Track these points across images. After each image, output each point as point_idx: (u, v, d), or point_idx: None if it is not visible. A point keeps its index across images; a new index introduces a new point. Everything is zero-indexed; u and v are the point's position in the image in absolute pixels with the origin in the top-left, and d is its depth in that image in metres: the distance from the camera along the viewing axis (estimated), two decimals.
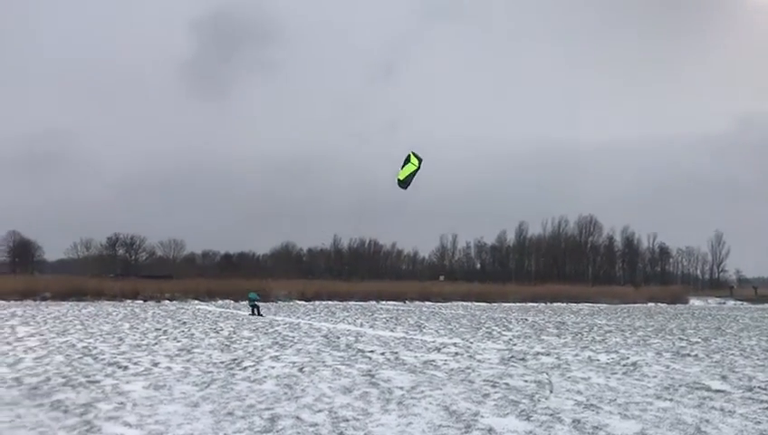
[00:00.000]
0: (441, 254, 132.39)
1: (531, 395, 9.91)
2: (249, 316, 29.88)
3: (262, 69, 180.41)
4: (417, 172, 16.58)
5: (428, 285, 64.28)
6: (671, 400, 9.73)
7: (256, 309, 31.59)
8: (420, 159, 16.48)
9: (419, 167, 16.51)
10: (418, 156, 16.48)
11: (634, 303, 61.33)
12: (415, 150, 16.50)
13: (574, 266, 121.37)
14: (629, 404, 9.31)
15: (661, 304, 60.77)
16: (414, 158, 16.43)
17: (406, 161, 16.64)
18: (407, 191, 16.53)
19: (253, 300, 32.21)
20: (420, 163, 16.50)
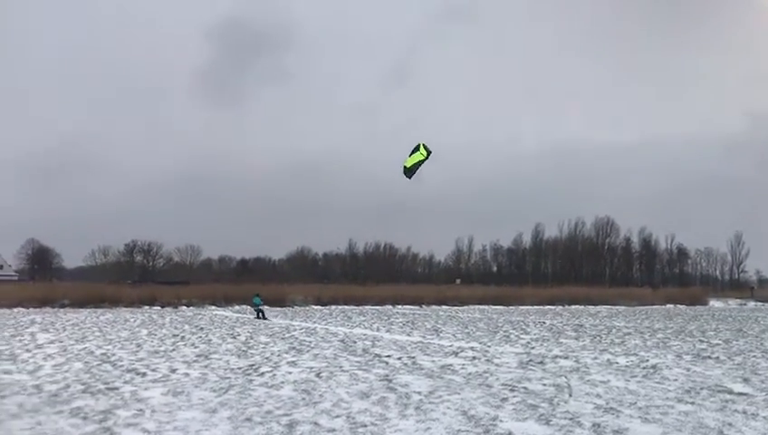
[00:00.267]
0: (457, 257, 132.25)
1: (550, 399, 9.83)
2: (255, 319, 30.84)
3: (276, 76, 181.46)
4: (423, 162, 16.51)
5: (444, 289, 64.05)
6: (693, 403, 9.60)
7: (261, 313, 32.54)
8: (429, 152, 16.40)
9: (427, 157, 16.44)
10: (428, 148, 16.42)
11: (652, 304, 60.70)
12: (434, 152, 16.44)
13: (591, 268, 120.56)
14: (650, 408, 9.20)
15: (680, 306, 60.12)
16: (423, 148, 16.39)
17: (414, 150, 16.60)
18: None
19: (257, 304, 33.18)
20: (429, 155, 16.43)
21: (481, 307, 51.20)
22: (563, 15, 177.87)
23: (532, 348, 17.82)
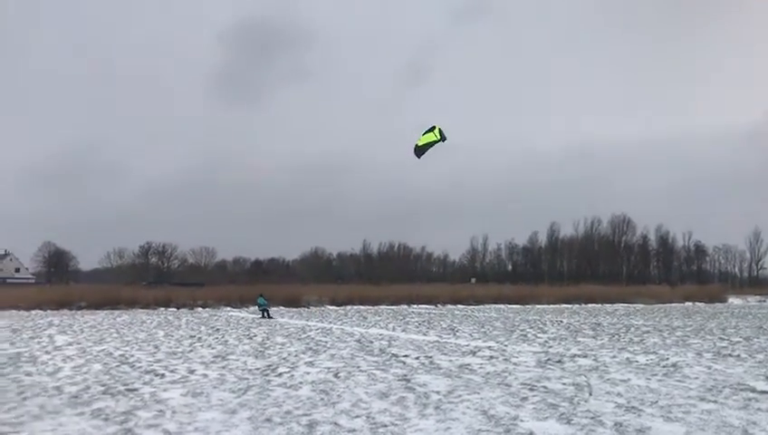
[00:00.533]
0: (472, 256, 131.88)
1: (570, 398, 9.74)
2: (260, 319, 32.04)
3: (292, 76, 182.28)
4: (435, 144, 16.47)
5: (459, 288, 63.83)
6: (715, 401, 9.48)
7: (266, 312, 33.85)
8: (444, 137, 16.36)
9: (441, 141, 16.40)
10: (443, 133, 16.39)
11: (670, 302, 60.19)
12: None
13: (608, 267, 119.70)
14: (672, 406, 9.09)
15: (699, 304, 59.53)
16: (438, 131, 16.36)
17: (429, 130, 16.57)
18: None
19: (262, 304, 34.47)
20: (442, 139, 16.38)
21: (497, 306, 51.02)
22: (579, 11, 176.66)
23: (549, 347, 17.71)
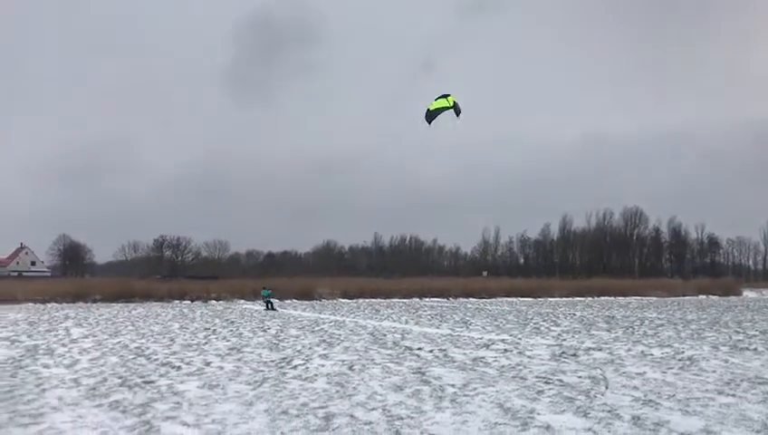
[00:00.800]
0: (483, 249, 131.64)
1: (586, 391, 9.71)
2: (264, 311, 33.16)
3: (302, 70, 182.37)
4: (445, 110, 16.41)
5: (471, 281, 63.75)
6: (734, 395, 9.41)
7: (270, 304, 34.88)
8: (458, 110, 16.29)
9: (452, 107, 16.33)
10: (457, 105, 16.33)
11: (683, 295, 59.88)
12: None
13: (620, 259, 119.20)
14: (690, 400, 9.03)
15: (712, 297, 59.17)
16: (451, 99, 16.31)
17: (441, 97, 16.50)
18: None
19: (266, 296, 35.60)
20: (456, 111, 16.30)
21: (509, 299, 50.94)
22: (592, 6, 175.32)
23: (563, 340, 17.65)
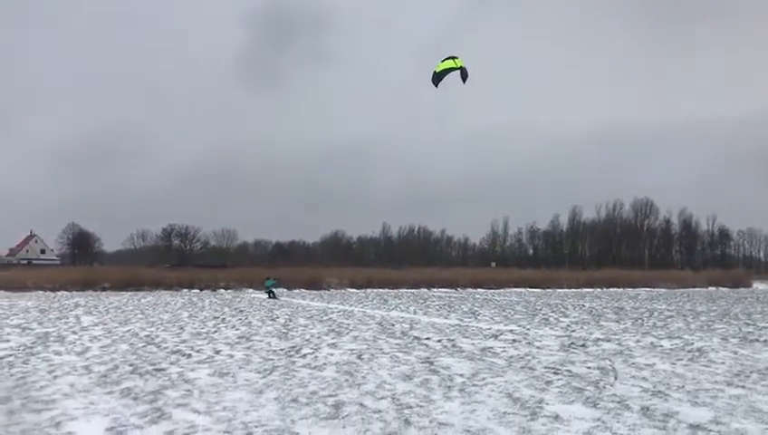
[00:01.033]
0: (492, 240, 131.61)
1: (595, 382, 9.71)
2: (267, 299, 34.41)
3: (313, 59, 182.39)
4: (452, 71, 16.34)
5: (480, 272, 63.66)
6: (743, 387, 9.40)
7: (272, 293, 36.25)
8: (466, 73, 16.21)
9: (459, 68, 16.25)
10: (465, 70, 16.27)
11: (693, 287, 59.60)
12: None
13: (630, 251, 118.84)
14: (699, 391, 9.02)
15: (722, 289, 58.83)
16: (459, 61, 16.25)
17: (449, 59, 16.44)
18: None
19: (268, 286, 36.81)
20: (463, 76, 16.22)
21: (517, 290, 50.86)
22: None
23: (572, 331, 17.64)
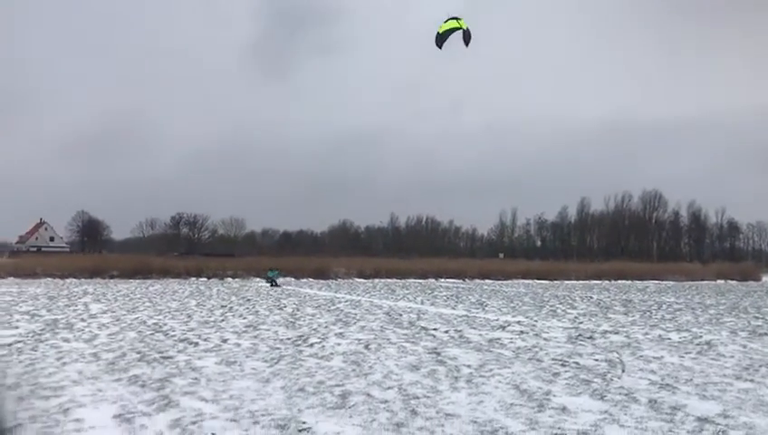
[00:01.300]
0: (500, 231, 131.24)
1: (603, 374, 9.68)
2: (269, 287, 35.71)
3: (323, 48, 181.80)
4: (455, 31, 16.24)
5: (488, 263, 63.51)
6: (752, 380, 9.34)
7: (274, 281, 37.58)
8: (469, 35, 16.10)
9: (462, 28, 16.13)
10: (469, 32, 16.17)
11: (702, 280, 59.28)
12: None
13: (638, 243, 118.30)
14: (707, 385, 8.98)
15: (731, 282, 58.49)
16: (463, 23, 16.15)
17: (452, 19, 16.33)
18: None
19: (270, 276, 38.32)
20: (465, 38, 16.11)
21: (525, 282, 50.74)
22: None
23: (580, 323, 17.59)
